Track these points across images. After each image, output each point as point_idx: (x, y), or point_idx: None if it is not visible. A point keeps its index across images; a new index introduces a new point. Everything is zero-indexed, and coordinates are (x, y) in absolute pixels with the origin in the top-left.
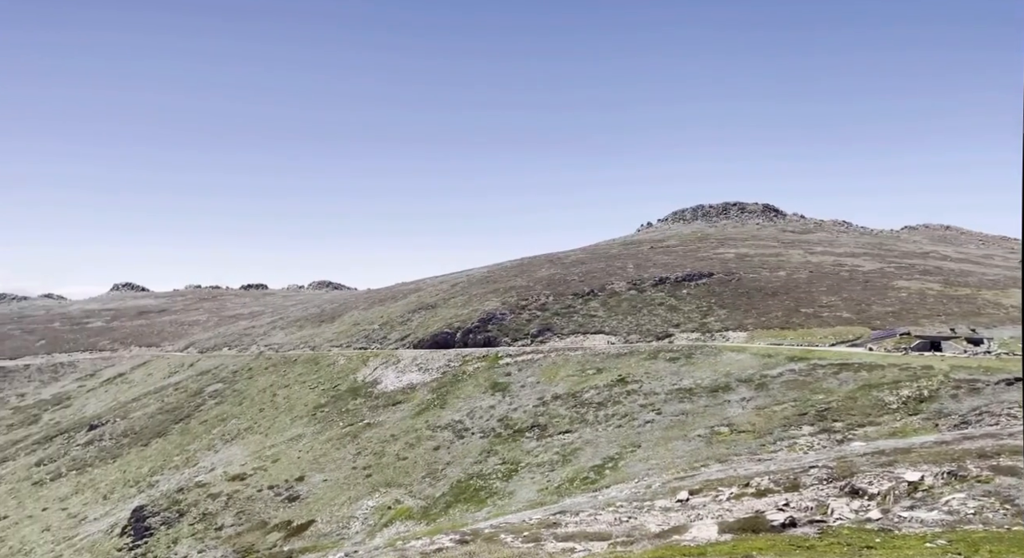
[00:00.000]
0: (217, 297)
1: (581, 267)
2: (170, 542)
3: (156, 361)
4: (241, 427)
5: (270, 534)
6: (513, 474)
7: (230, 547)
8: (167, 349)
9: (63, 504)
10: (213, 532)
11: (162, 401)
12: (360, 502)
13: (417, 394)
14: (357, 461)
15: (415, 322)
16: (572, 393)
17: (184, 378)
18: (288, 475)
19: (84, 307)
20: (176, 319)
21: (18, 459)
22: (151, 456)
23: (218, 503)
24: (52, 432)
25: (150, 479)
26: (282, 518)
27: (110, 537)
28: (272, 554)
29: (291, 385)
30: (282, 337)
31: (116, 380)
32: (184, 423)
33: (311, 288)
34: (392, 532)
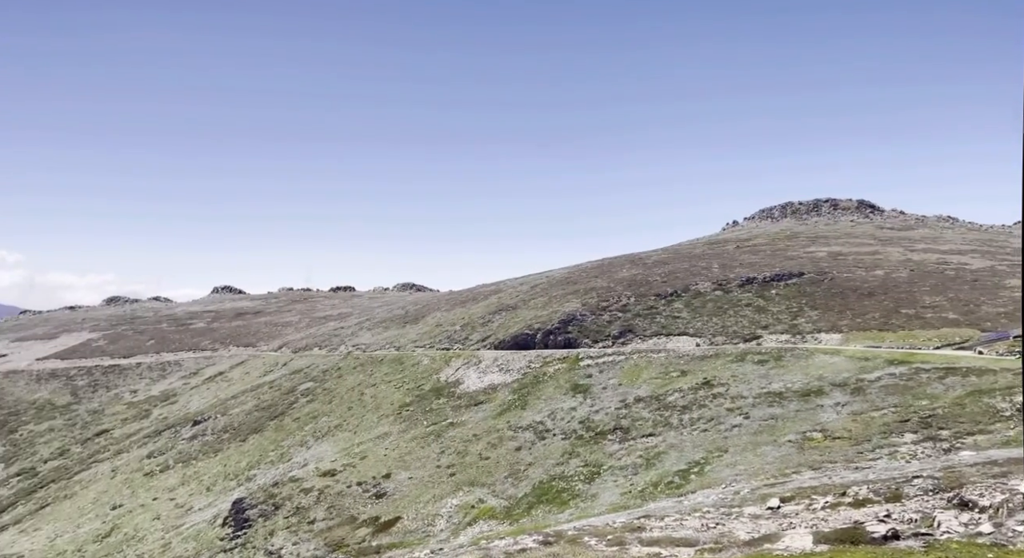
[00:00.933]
0: (308, 299)
1: (663, 267)
2: (267, 534)
3: (252, 360)
4: (331, 424)
5: (359, 529)
6: (595, 477)
7: (322, 541)
8: (262, 349)
9: (171, 494)
10: (306, 526)
11: (258, 399)
12: (444, 500)
13: (498, 395)
14: (441, 460)
15: (495, 323)
16: (655, 396)
17: (278, 377)
18: (375, 472)
19: (188, 309)
20: (270, 320)
21: (132, 451)
22: (249, 451)
23: (310, 498)
24: (161, 426)
25: (248, 473)
26: (370, 514)
27: (213, 527)
28: (361, 549)
29: (377, 384)
30: (369, 337)
31: (217, 378)
32: (278, 420)
33: (396, 290)
34: (476, 531)
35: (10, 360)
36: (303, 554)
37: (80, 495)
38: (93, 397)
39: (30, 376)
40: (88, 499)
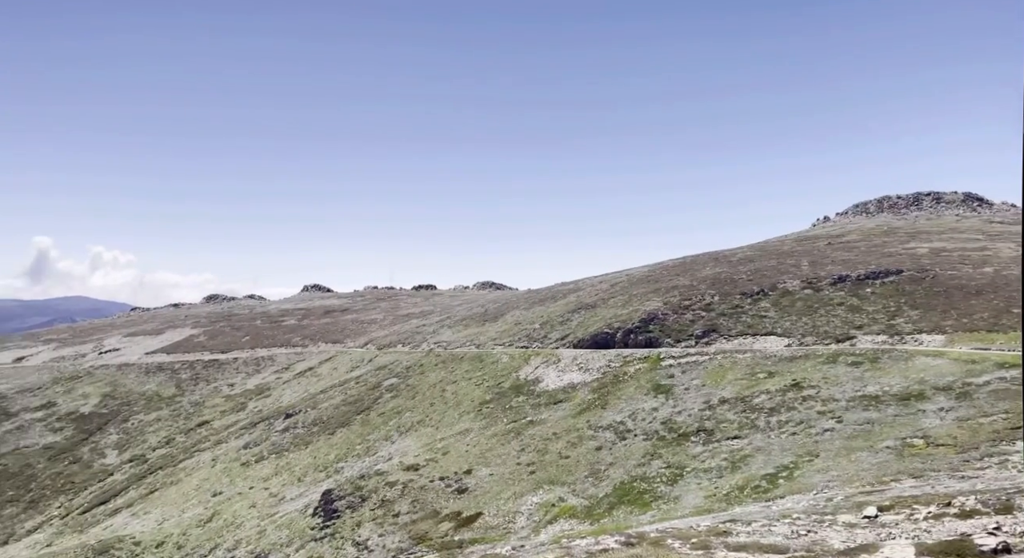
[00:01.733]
0: (391, 297)
1: (749, 265)
2: (354, 525)
3: (340, 356)
4: (414, 420)
5: (441, 523)
6: (678, 479)
7: (406, 533)
8: (349, 345)
9: (265, 484)
10: (391, 518)
11: (345, 393)
12: (525, 498)
13: (578, 394)
14: (521, 457)
15: (575, 322)
16: (741, 397)
17: (364, 372)
18: (457, 468)
19: (280, 306)
20: (356, 318)
21: (230, 441)
22: (337, 444)
23: (395, 491)
24: (256, 419)
25: (336, 465)
26: (452, 509)
27: (304, 516)
28: (444, 543)
29: (458, 381)
30: (449, 335)
31: (306, 373)
32: (364, 414)
33: (475, 288)
34: (556, 529)
35: (122, 354)
36: (389, 546)
37: (184, 482)
38: (195, 390)
39: (140, 369)
40: (191, 486)
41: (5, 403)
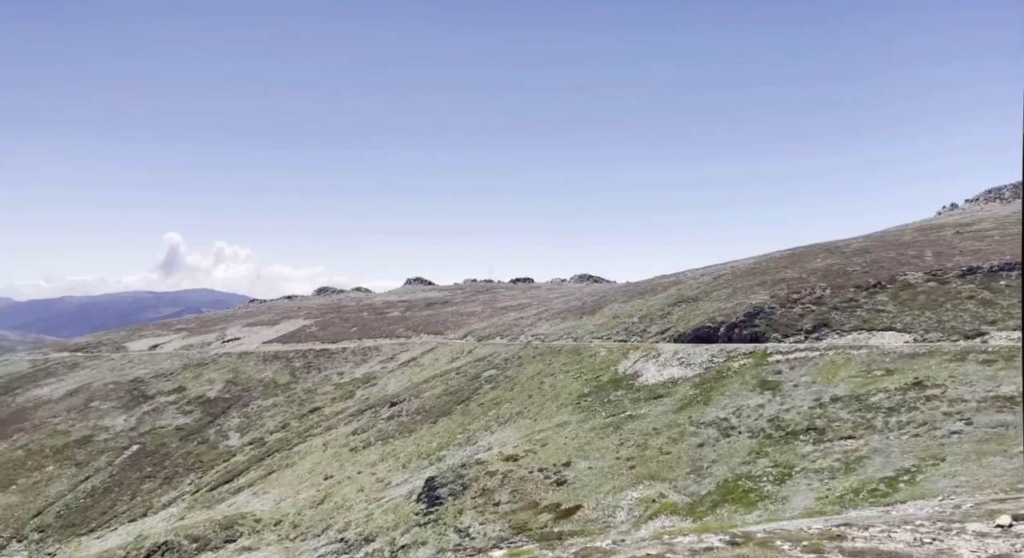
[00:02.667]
0: (490, 290)
1: (864, 256)
2: (456, 512)
3: (441, 348)
4: (513, 411)
5: (541, 514)
6: (786, 479)
7: (506, 523)
8: (449, 337)
9: (372, 469)
10: (491, 507)
11: (446, 384)
12: (624, 492)
13: (679, 389)
14: (620, 452)
15: (675, 315)
16: (855, 396)
17: (464, 364)
18: (556, 460)
19: (385, 299)
20: (457, 310)
21: (339, 428)
22: (439, 433)
23: (495, 481)
24: (363, 406)
25: (438, 453)
26: (551, 500)
27: (409, 501)
28: (544, 534)
29: (556, 374)
30: (547, 328)
31: (410, 364)
32: (464, 405)
33: (572, 281)
34: (657, 525)
35: (243, 343)
36: (490, 534)
37: (298, 465)
38: (307, 377)
39: (258, 357)
40: (305, 469)
41: (143, 387)
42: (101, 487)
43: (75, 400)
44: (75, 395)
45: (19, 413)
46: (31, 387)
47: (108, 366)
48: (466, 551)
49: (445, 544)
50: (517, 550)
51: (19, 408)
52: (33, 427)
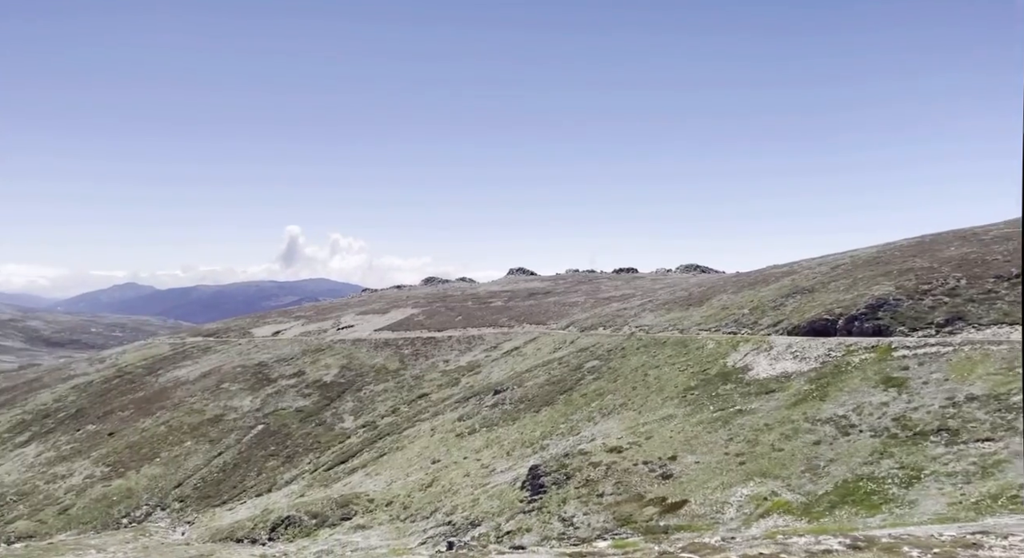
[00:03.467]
0: (592, 280)
1: (1006, 244)
2: (560, 501)
3: (543, 337)
4: (616, 403)
5: (646, 507)
6: (914, 481)
7: (610, 514)
8: (552, 327)
9: (477, 455)
10: (595, 498)
11: (549, 373)
12: (733, 489)
13: (792, 384)
14: (729, 447)
15: (789, 307)
16: (994, 395)
17: (566, 354)
18: (661, 453)
19: (488, 289)
20: (559, 300)
21: (445, 414)
22: (542, 422)
23: (598, 472)
24: (468, 394)
25: (541, 442)
26: (656, 494)
27: (513, 488)
28: (649, 527)
29: (661, 366)
30: (651, 319)
31: (513, 353)
32: (567, 395)
33: (678, 271)
34: (769, 524)
35: (356, 330)
36: (594, 525)
37: (408, 448)
38: (415, 364)
39: (370, 344)
40: (414, 452)
41: (267, 370)
42: (231, 463)
43: (208, 381)
44: (208, 377)
45: (161, 392)
46: (171, 368)
47: (236, 350)
48: (570, 540)
49: (549, 532)
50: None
51: (161, 387)
52: (173, 405)
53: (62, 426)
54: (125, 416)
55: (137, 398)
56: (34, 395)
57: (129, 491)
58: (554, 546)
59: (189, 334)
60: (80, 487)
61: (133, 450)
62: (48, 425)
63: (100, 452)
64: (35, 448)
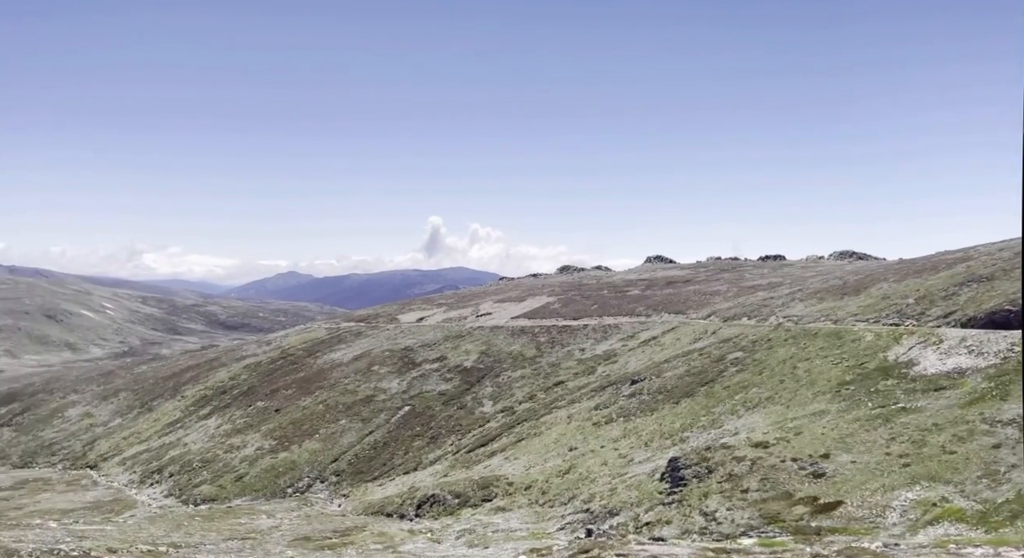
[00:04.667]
0: (735, 268)
1: None
2: (701, 495)
3: (682, 327)
4: (762, 396)
5: (795, 506)
6: None
7: (755, 511)
8: (691, 316)
9: (615, 445)
10: (739, 494)
11: (688, 364)
12: (896, 492)
13: (967, 381)
14: (891, 447)
15: (963, 297)
16: None
17: (707, 344)
18: (812, 450)
19: (624, 277)
20: (699, 289)
21: (582, 402)
22: (681, 413)
23: (742, 466)
24: (604, 383)
25: (681, 434)
26: (807, 493)
27: (652, 480)
28: (799, 527)
29: (811, 359)
30: (801, 309)
31: (650, 342)
32: (708, 387)
33: (832, 258)
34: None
35: (493, 317)
36: (738, 521)
37: (545, 434)
38: (551, 352)
39: (507, 331)
40: (551, 439)
41: (412, 355)
42: (381, 441)
43: (360, 364)
44: (360, 360)
45: (319, 373)
46: (327, 351)
47: (384, 335)
48: (712, 535)
49: (690, 526)
50: (769, 540)
51: (319, 369)
52: (329, 385)
53: (236, 402)
54: (288, 394)
55: (298, 378)
56: (213, 373)
57: (293, 464)
58: (695, 540)
59: (343, 319)
60: (252, 457)
61: (295, 426)
62: (225, 400)
63: (268, 426)
64: (215, 421)
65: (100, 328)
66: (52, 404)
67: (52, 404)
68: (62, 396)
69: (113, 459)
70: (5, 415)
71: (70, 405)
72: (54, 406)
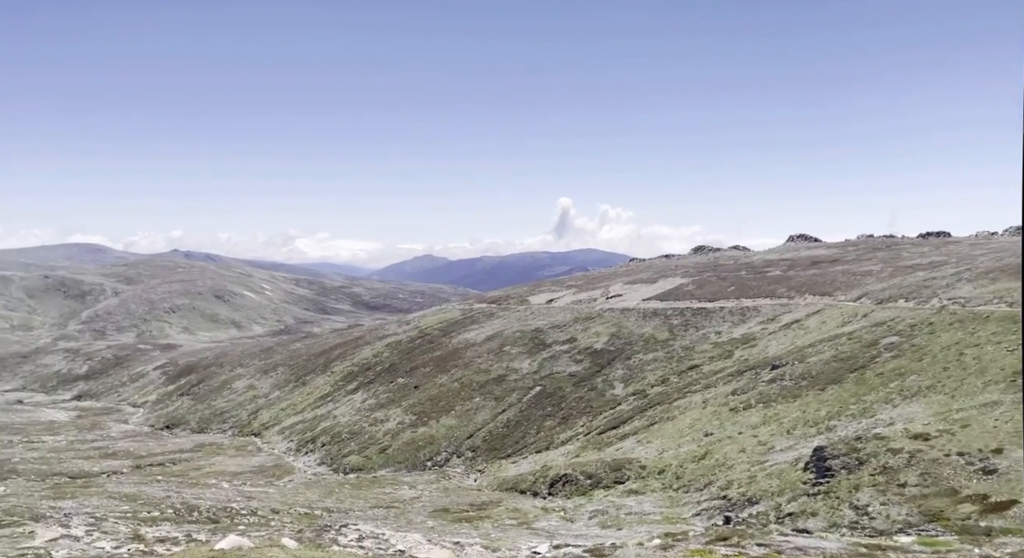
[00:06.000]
0: (891, 247)
1: None
2: (851, 488)
3: (829, 310)
4: (921, 384)
5: (961, 504)
6: None
7: (915, 507)
8: (839, 298)
9: (753, 431)
10: (895, 488)
11: (836, 349)
12: None
13: None
14: None
15: None
16: None
17: (857, 328)
18: (981, 444)
19: (764, 257)
20: (848, 269)
21: (717, 387)
22: (827, 401)
23: (899, 459)
24: (742, 367)
25: (827, 423)
26: (975, 490)
27: (794, 469)
28: (965, 526)
29: (982, 345)
30: (969, 290)
31: (792, 326)
32: (858, 373)
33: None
34: None
35: (624, 299)
36: (893, 517)
37: (678, 419)
38: (684, 335)
39: (638, 313)
40: (685, 424)
41: (542, 336)
42: (513, 420)
43: (492, 344)
44: (492, 340)
45: (454, 352)
46: (461, 331)
47: (515, 317)
48: (864, 531)
49: (839, 519)
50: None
51: (454, 348)
52: (464, 364)
53: (379, 378)
54: (426, 372)
55: (435, 357)
56: (359, 350)
57: (431, 438)
58: (844, 534)
59: (475, 301)
60: (394, 431)
61: (433, 402)
62: (369, 376)
63: (408, 402)
64: (361, 395)
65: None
66: (222, 376)
67: (222, 376)
68: (230, 369)
69: (273, 428)
70: (184, 385)
71: (236, 378)
72: (223, 378)
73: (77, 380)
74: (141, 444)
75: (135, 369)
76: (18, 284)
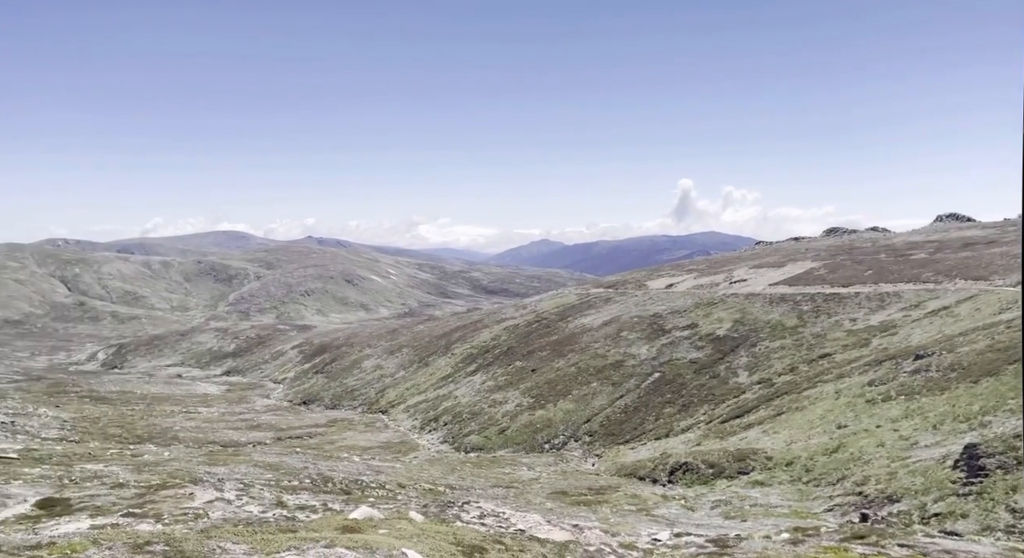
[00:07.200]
0: None
1: None
2: (1008, 488)
3: (983, 296)
4: None
5: None
6: None
7: None
8: (996, 283)
9: (893, 425)
10: None
11: (992, 338)
12: None
13: None
14: None
15: None
16: None
17: (1017, 316)
18: None
19: (907, 239)
20: (1007, 251)
21: (852, 377)
22: (981, 394)
23: None
24: (880, 357)
25: (981, 418)
26: None
27: (942, 467)
28: None
29: None
30: None
31: (940, 313)
32: (1018, 365)
33: None
34: None
35: (749, 284)
36: None
37: (808, 410)
38: (815, 322)
39: (764, 299)
40: (816, 414)
41: (661, 321)
42: (631, 406)
43: (608, 329)
44: (609, 325)
45: (570, 337)
46: (577, 316)
47: (632, 302)
48: (1022, 535)
49: (993, 522)
50: None
51: (570, 333)
52: (580, 349)
53: (498, 361)
54: (543, 356)
55: (551, 341)
56: (478, 333)
57: (549, 421)
58: (1000, 539)
59: (592, 286)
60: (512, 413)
61: (550, 386)
62: (488, 359)
63: (526, 385)
64: (480, 377)
65: (386, 291)
66: (352, 356)
67: (352, 356)
68: (359, 350)
69: (399, 406)
70: (319, 364)
71: (365, 357)
72: (353, 358)
73: (226, 357)
74: (281, 418)
75: (275, 348)
76: (177, 269)
